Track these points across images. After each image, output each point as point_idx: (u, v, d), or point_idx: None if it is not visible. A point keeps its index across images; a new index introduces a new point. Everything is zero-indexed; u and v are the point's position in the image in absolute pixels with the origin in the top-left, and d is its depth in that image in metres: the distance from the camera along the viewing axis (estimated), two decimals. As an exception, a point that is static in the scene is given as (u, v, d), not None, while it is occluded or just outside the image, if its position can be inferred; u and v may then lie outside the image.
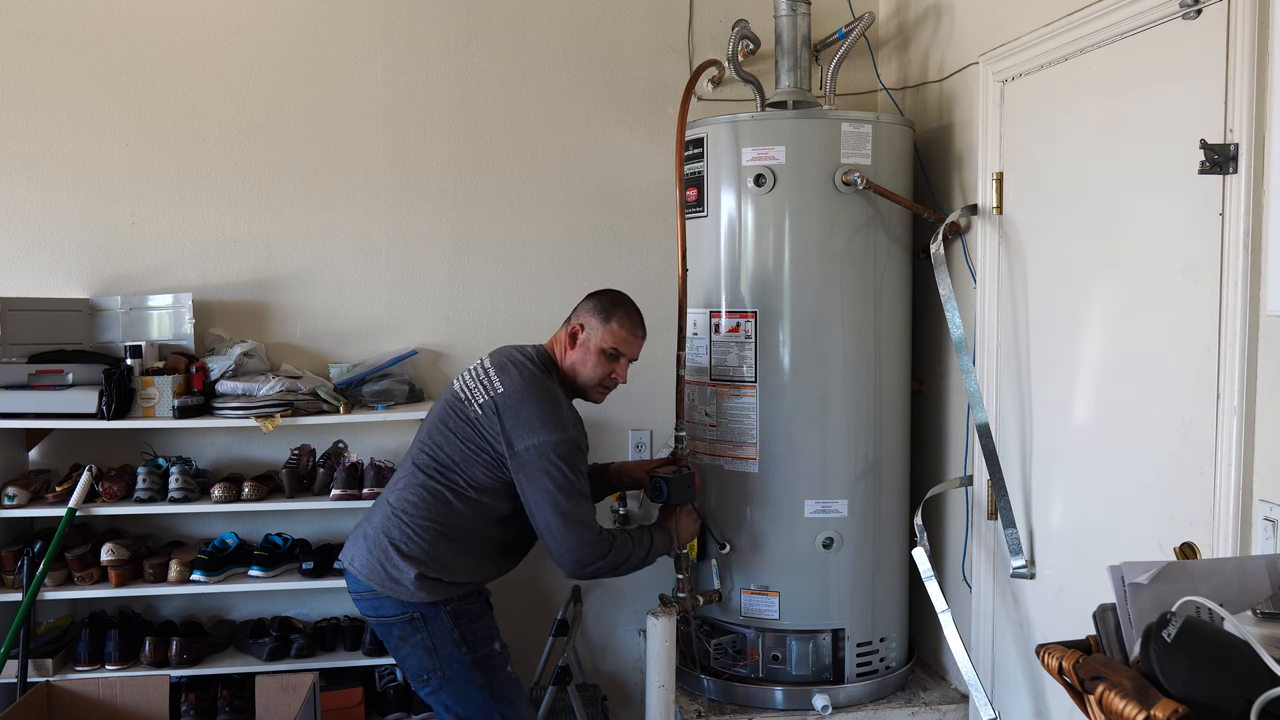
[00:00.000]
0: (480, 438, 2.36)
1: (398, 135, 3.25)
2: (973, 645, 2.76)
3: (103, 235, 3.13)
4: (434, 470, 2.38)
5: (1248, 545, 1.83)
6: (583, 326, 2.48)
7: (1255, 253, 1.81)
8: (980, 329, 2.70)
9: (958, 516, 2.88)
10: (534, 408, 2.34)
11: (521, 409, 2.34)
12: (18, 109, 3.08)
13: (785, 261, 2.73)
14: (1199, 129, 1.88)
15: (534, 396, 2.36)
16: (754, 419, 2.76)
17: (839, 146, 2.70)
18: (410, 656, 2.35)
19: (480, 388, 2.41)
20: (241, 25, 3.17)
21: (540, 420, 2.33)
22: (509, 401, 2.35)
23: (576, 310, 2.53)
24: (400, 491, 2.40)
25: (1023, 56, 2.47)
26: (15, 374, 2.80)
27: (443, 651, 2.33)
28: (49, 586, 2.85)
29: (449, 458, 2.38)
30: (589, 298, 2.54)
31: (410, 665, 2.37)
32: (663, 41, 3.35)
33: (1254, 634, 1.12)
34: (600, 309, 2.48)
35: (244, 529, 3.13)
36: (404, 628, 2.33)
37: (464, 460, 2.37)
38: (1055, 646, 1.30)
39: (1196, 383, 1.94)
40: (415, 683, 2.39)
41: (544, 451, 2.30)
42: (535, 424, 2.32)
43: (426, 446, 2.42)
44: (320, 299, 3.24)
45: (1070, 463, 2.37)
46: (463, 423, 2.39)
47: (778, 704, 2.77)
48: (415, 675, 2.37)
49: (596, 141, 3.34)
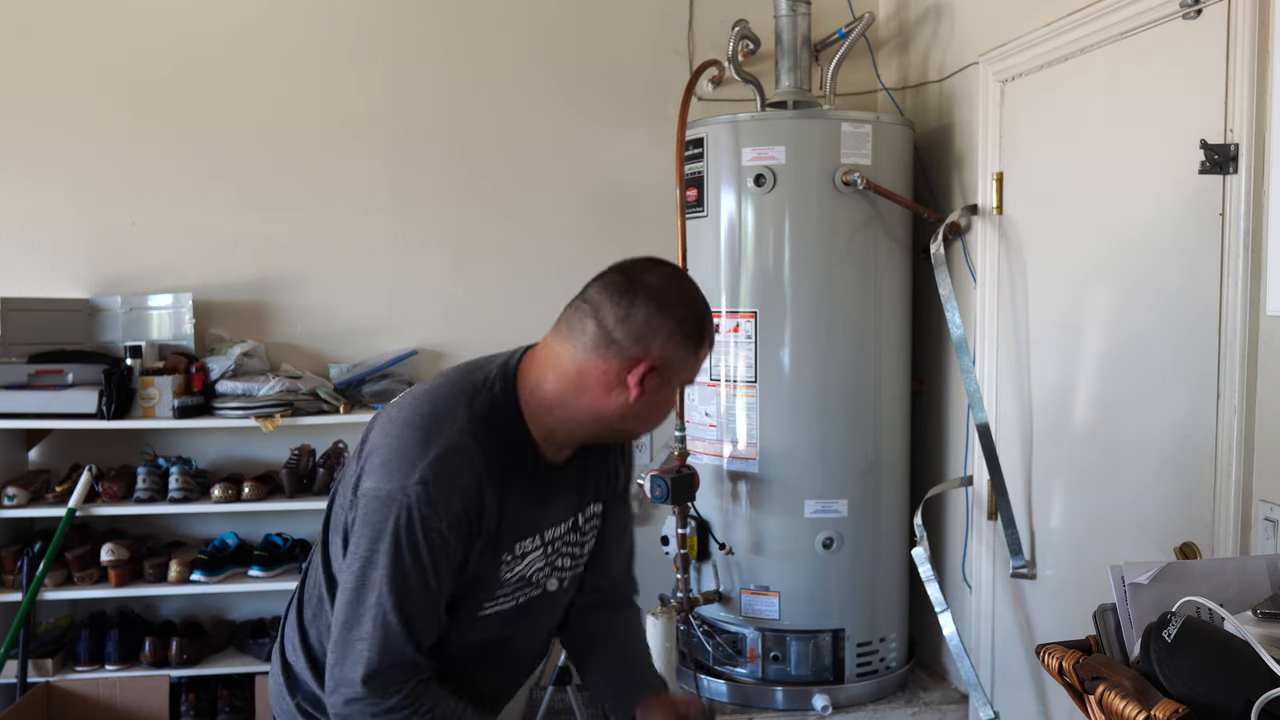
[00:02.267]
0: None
1: (398, 135, 3.25)
2: (973, 645, 2.76)
3: (103, 235, 3.13)
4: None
5: (1248, 545, 1.83)
6: (663, 363, 1.41)
7: (1255, 253, 1.81)
8: (980, 329, 2.70)
9: (958, 516, 2.88)
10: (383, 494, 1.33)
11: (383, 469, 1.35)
12: (18, 109, 3.08)
13: (785, 261, 2.73)
14: (1199, 129, 1.88)
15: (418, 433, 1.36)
16: (754, 419, 2.76)
17: (839, 146, 2.70)
18: None
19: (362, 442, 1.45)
20: (242, 25, 3.17)
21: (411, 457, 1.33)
22: (374, 456, 1.38)
23: (638, 331, 1.39)
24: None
25: (1023, 56, 2.47)
26: (15, 374, 2.80)
27: None
28: (49, 586, 2.85)
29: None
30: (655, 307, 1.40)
31: None
32: (663, 42, 3.35)
33: (1254, 634, 1.12)
34: (685, 332, 1.43)
35: (244, 529, 3.12)
36: None
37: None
38: (1055, 646, 1.30)
39: (1196, 383, 1.94)
40: None
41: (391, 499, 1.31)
42: (402, 462, 1.33)
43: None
44: (320, 299, 3.24)
45: (1070, 463, 2.37)
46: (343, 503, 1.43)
47: (778, 704, 2.77)
48: None
49: (596, 141, 3.34)
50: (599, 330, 1.39)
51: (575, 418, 1.43)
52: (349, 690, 1.33)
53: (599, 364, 1.39)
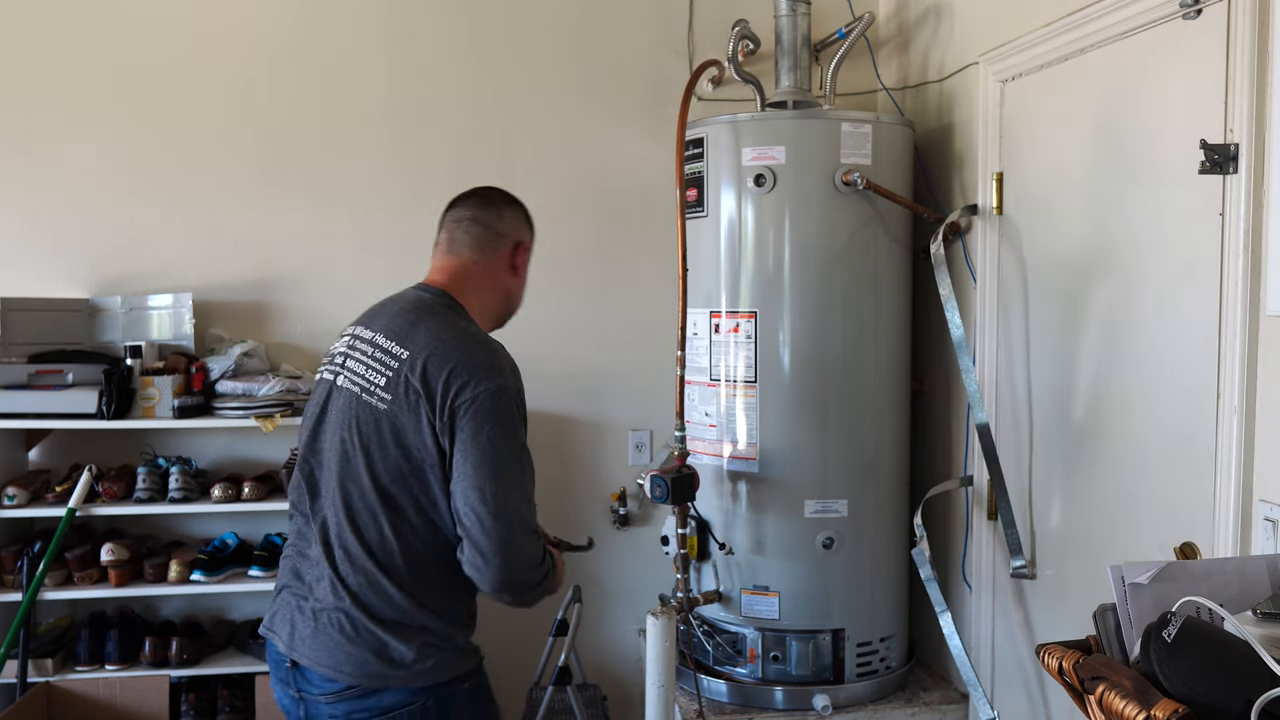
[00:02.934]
0: (399, 437, 1.75)
1: (398, 135, 3.25)
2: (973, 645, 2.76)
3: (103, 235, 3.13)
4: (374, 504, 1.77)
5: (1248, 545, 1.83)
6: (524, 244, 2.00)
7: (1255, 253, 1.81)
8: (980, 329, 2.70)
9: (958, 516, 2.88)
10: (471, 354, 1.77)
11: (456, 356, 1.76)
12: (18, 109, 3.08)
13: (785, 261, 2.73)
14: (1199, 129, 1.88)
15: (469, 344, 1.80)
16: (754, 419, 2.76)
17: (839, 146, 2.70)
18: None
19: (377, 368, 1.81)
20: (242, 25, 3.17)
21: (486, 366, 1.76)
22: (434, 358, 1.75)
23: (500, 223, 1.95)
24: (343, 548, 1.78)
25: (1023, 56, 2.47)
26: (15, 374, 2.80)
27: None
28: (49, 586, 2.85)
29: (381, 478, 1.77)
30: (499, 203, 1.98)
31: None
32: (663, 41, 3.35)
33: (1254, 634, 1.12)
34: (524, 214, 2.02)
35: (244, 529, 3.13)
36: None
37: (400, 472, 1.76)
38: (1055, 646, 1.30)
39: (1196, 383, 1.94)
40: None
41: (495, 395, 1.73)
42: (478, 370, 1.74)
43: (349, 479, 1.79)
44: (320, 299, 3.24)
45: (1070, 462, 2.37)
46: (374, 431, 1.77)
47: (778, 704, 2.77)
48: None
49: (596, 141, 3.34)
50: (485, 231, 1.95)
51: (492, 307, 1.98)
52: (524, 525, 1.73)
53: (493, 256, 1.95)
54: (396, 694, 1.73)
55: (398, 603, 1.75)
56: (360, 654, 1.73)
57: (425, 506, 1.76)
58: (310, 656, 1.76)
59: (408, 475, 1.75)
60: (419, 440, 1.74)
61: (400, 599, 1.75)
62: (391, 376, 1.77)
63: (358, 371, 1.83)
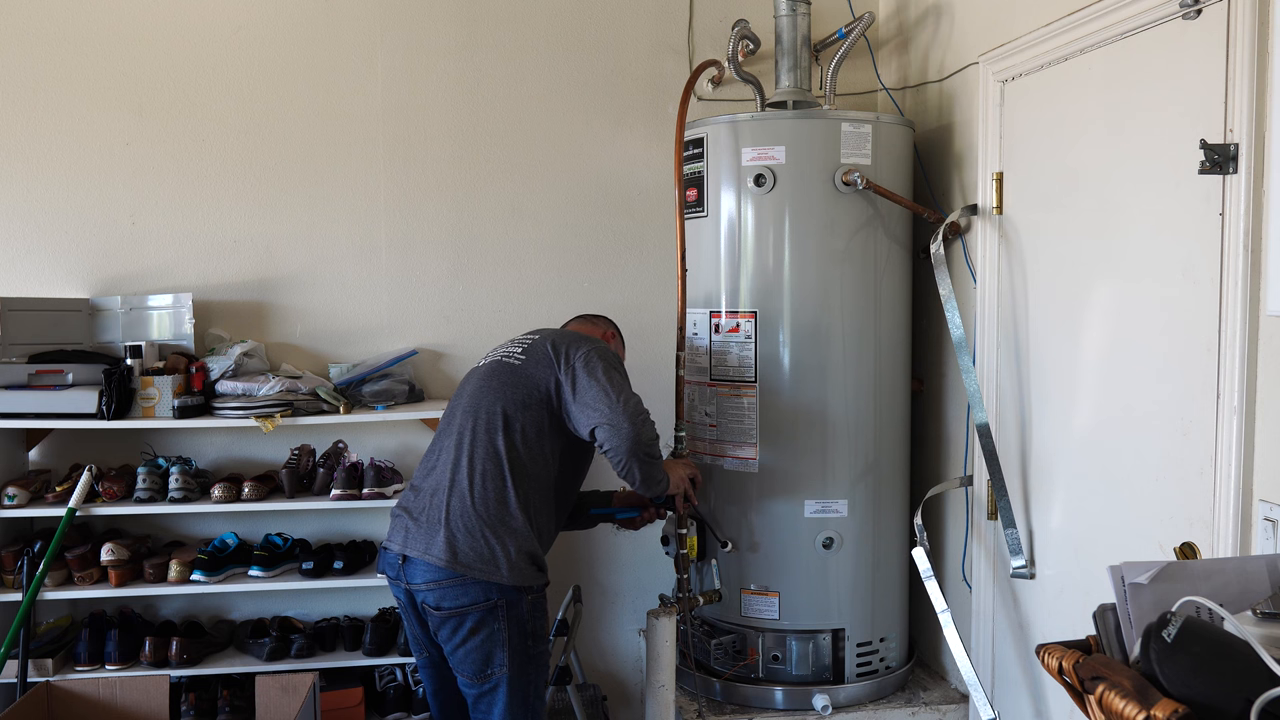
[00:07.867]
0: (529, 379, 2.34)
1: (398, 135, 3.25)
2: (973, 645, 2.76)
3: (103, 235, 3.13)
4: (495, 436, 2.29)
5: (1248, 545, 1.83)
6: (614, 335, 2.72)
7: (1255, 253, 1.81)
8: (980, 329, 2.70)
9: (958, 516, 2.88)
10: (584, 339, 2.44)
11: (571, 337, 2.44)
12: (18, 108, 3.08)
13: (785, 261, 2.73)
14: (1199, 129, 1.89)
15: (583, 335, 2.48)
16: (754, 419, 2.76)
17: (839, 146, 2.70)
18: (478, 650, 2.23)
19: (518, 346, 2.46)
20: (242, 25, 3.17)
21: (589, 341, 2.43)
22: (558, 337, 2.44)
23: (600, 324, 2.72)
24: (467, 469, 2.28)
25: (1023, 56, 2.47)
26: (15, 374, 2.80)
27: (515, 643, 2.23)
28: (49, 586, 2.85)
29: (504, 413, 2.31)
30: (602, 319, 2.74)
31: (475, 659, 2.24)
32: (663, 41, 3.35)
33: (1254, 634, 1.12)
34: (618, 335, 2.74)
35: (244, 529, 3.13)
36: (480, 616, 2.21)
37: (519, 407, 2.32)
38: (1055, 646, 1.30)
39: (1196, 383, 1.94)
40: (475, 680, 2.25)
41: (596, 351, 2.37)
42: (585, 342, 2.41)
43: (480, 413, 2.34)
44: (320, 299, 3.24)
45: (1070, 462, 2.37)
46: (509, 376, 2.37)
47: (778, 704, 2.77)
48: (478, 670, 2.24)
49: (596, 141, 3.34)
50: (592, 327, 2.70)
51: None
52: (639, 405, 2.29)
53: (593, 331, 2.67)
54: (481, 587, 2.20)
55: (510, 513, 2.25)
56: (464, 548, 2.21)
57: (540, 431, 2.33)
58: (418, 548, 2.24)
59: (530, 405, 2.32)
60: (545, 382, 2.34)
61: (515, 506, 2.25)
62: (528, 346, 2.41)
63: (500, 350, 2.48)
